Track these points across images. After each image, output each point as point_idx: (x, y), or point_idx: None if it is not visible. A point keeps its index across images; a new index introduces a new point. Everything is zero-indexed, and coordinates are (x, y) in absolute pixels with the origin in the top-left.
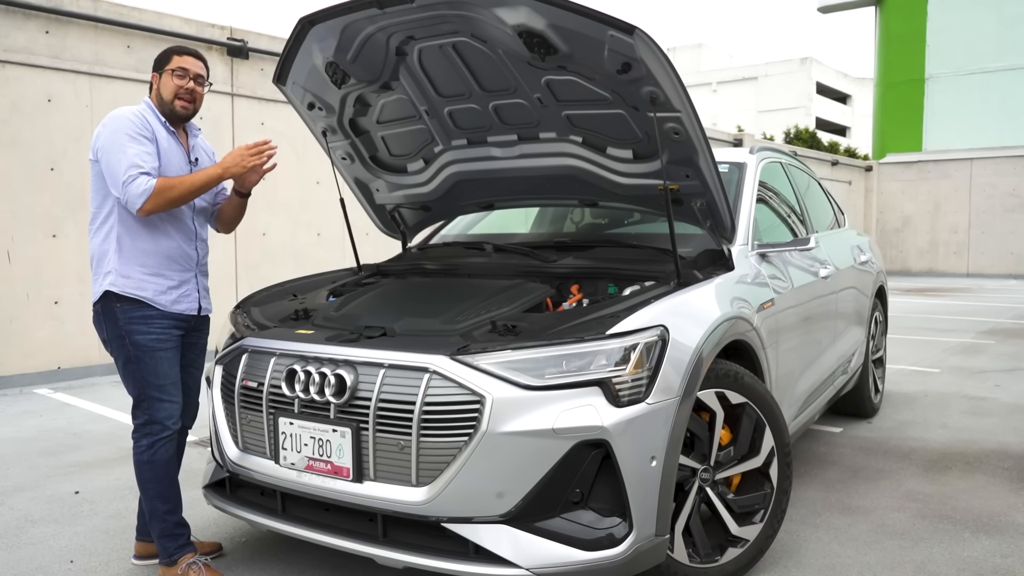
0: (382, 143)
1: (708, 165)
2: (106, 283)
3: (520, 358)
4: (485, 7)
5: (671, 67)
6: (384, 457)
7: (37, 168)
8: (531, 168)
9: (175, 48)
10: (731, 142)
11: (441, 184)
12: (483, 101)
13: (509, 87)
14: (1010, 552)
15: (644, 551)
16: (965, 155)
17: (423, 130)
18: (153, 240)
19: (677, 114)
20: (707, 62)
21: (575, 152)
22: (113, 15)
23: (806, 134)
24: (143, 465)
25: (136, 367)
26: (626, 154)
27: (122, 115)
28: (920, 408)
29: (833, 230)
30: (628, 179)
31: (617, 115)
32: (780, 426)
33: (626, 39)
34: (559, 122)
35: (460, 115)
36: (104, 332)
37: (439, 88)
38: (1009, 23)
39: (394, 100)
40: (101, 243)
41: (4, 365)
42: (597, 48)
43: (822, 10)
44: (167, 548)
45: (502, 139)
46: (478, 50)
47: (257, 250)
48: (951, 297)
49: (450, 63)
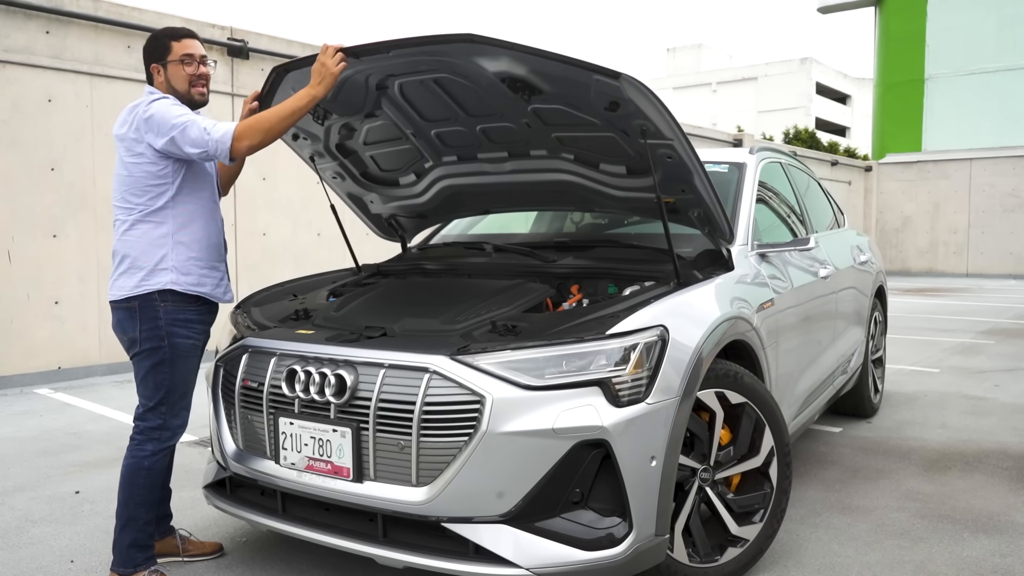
0: (371, 161)
1: (703, 182)
2: (163, 281)
3: (520, 358)
4: (463, 57)
5: (660, 103)
6: (384, 457)
7: (37, 168)
8: (524, 182)
9: (168, 33)
10: (731, 142)
11: (435, 196)
12: (469, 124)
13: (495, 113)
14: (1009, 552)
15: (644, 551)
16: (965, 155)
17: (411, 149)
18: (205, 230)
19: (669, 141)
20: (707, 62)
21: (567, 168)
22: (113, 15)
23: (806, 134)
24: (141, 471)
25: (169, 370)
26: (619, 170)
27: (162, 100)
28: (920, 408)
29: (833, 230)
30: (623, 192)
31: (608, 137)
32: (780, 426)
33: (612, 83)
34: (549, 142)
35: (447, 136)
36: (137, 331)
37: (423, 114)
38: (1009, 23)
39: (379, 125)
40: (140, 238)
41: (4, 365)
42: (583, 89)
43: (822, 10)
44: (134, 558)
45: (492, 156)
46: (460, 83)
47: (257, 250)
48: (950, 297)
49: (432, 94)
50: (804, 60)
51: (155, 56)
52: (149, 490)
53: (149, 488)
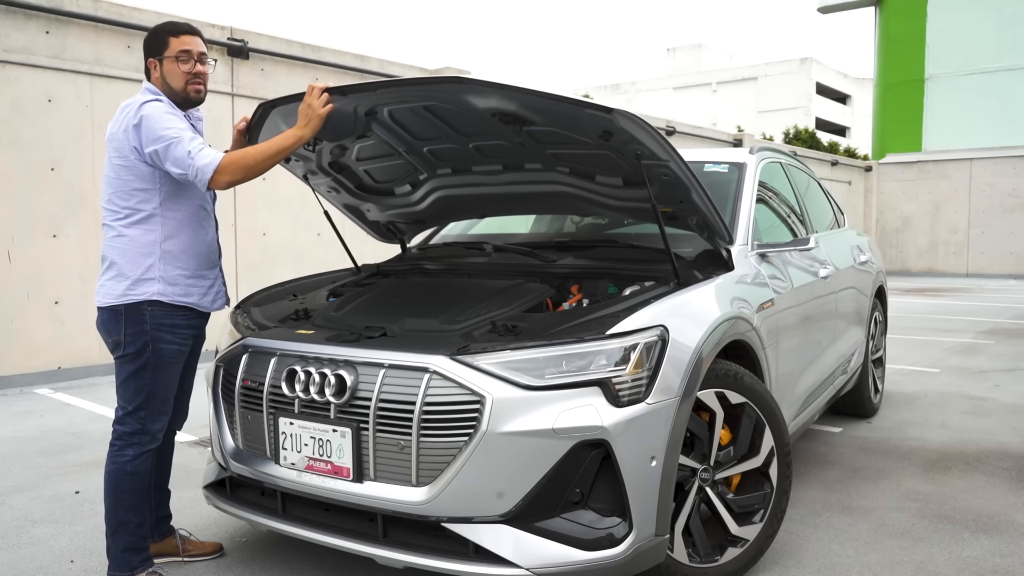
0: (366, 175)
1: (700, 196)
2: (149, 292)
3: (520, 358)
4: (453, 96)
5: (654, 132)
6: (384, 457)
7: (37, 168)
8: (520, 193)
9: (168, 28)
10: (731, 142)
11: (432, 204)
12: (462, 142)
13: (487, 133)
14: (1009, 552)
15: (644, 551)
16: (965, 155)
17: (405, 163)
18: (193, 239)
19: (664, 162)
20: (707, 62)
21: (563, 180)
22: (113, 15)
23: (806, 134)
24: (124, 476)
25: (150, 375)
26: (616, 181)
27: (154, 104)
28: (920, 408)
29: (833, 230)
30: (620, 202)
31: (603, 154)
32: (780, 426)
33: (604, 116)
34: (544, 157)
35: (440, 152)
36: (122, 334)
37: (415, 134)
38: (1009, 23)
39: (371, 143)
40: (128, 245)
41: (4, 365)
42: (575, 120)
43: (822, 10)
44: (130, 562)
45: (487, 168)
46: (451, 110)
47: (257, 250)
48: (950, 297)
49: (422, 118)
50: (804, 60)
51: (153, 51)
52: (136, 494)
53: (135, 492)
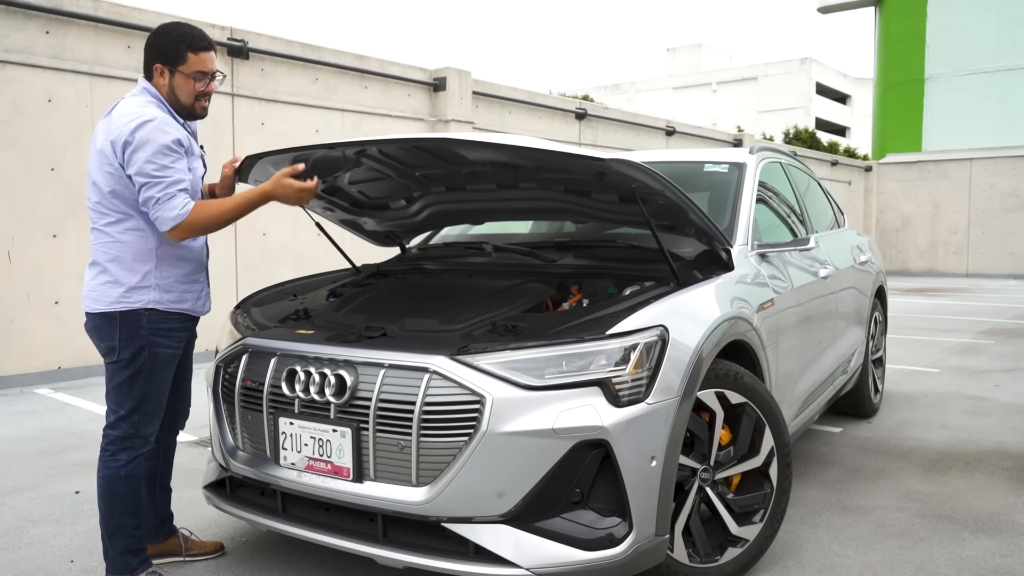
0: (360, 194)
1: (696, 215)
2: (145, 300)
3: (520, 358)
4: (444, 149)
5: (649, 171)
6: (384, 457)
7: (37, 168)
8: (515, 208)
9: (186, 40)
10: (731, 142)
11: (428, 217)
12: (454, 169)
13: (480, 171)
14: (1010, 552)
15: (644, 551)
16: (965, 155)
17: (398, 184)
18: (189, 242)
19: (660, 191)
20: (707, 62)
21: (558, 197)
22: (113, 15)
23: (806, 134)
24: (118, 480)
25: (145, 380)
26: (611, 198)
27: (151, 129)
28: (920, 408)
29: (833, 230)
30: (616, 216)
31: (596, 177)
32: (780, 426)
33: (597, 164)
34: (538, 179)
35: (433, 175)
36: (116, 340)
37: (406, 164)
38: (1009, 23)
39: (362, 170)
40: (123, 250)
41: (4, 365)
42: (567, 167)
43: (822, 10)
44: (129, 564)
45: (481, 187)
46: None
47: (257, 250)
48: (951, 297)
49: (413, 154)
50: (804, 60)
51: (165, 58)
52: (131, 497)
53: (131, 495)
